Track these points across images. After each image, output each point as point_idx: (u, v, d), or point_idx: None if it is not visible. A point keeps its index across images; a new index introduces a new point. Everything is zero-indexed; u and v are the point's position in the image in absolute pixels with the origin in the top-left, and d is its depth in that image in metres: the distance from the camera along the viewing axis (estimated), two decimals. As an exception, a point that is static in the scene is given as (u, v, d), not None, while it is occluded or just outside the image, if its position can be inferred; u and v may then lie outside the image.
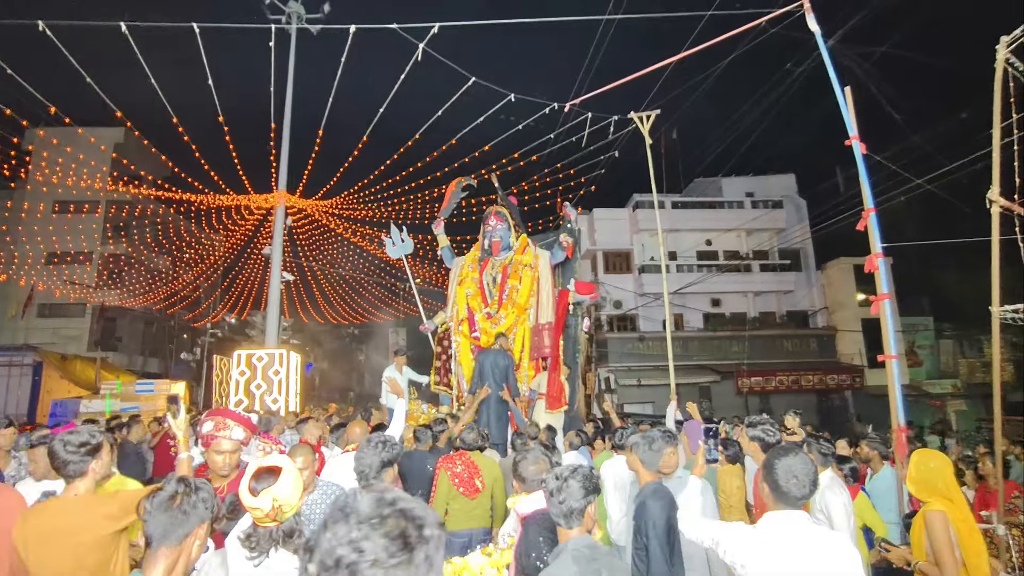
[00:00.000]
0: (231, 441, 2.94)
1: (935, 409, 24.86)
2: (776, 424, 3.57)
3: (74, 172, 21.41)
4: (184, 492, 1.78)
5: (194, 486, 1.82)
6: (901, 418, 4.68)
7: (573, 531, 2.17)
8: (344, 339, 43.54)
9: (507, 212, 9.22)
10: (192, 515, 1.76)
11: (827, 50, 5.58)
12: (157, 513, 1.73)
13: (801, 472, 2.17)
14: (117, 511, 2.31)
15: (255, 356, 12.31)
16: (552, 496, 2.19)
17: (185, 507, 1.76)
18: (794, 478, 2.16)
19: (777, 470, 2.20)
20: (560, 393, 8.15)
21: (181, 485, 1.80)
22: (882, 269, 5.03)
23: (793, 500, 2.16)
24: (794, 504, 2.17)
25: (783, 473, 2.18)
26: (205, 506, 1.80)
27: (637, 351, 23.96)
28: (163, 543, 1.72)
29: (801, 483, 2.16)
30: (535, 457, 2.84)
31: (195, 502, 1.78)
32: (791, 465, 2.18)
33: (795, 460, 2.19)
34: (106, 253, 26.39)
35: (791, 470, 2.17)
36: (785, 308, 26.66)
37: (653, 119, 8.73)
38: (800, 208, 27.34)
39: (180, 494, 1.77)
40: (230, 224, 17.39)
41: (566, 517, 2.16)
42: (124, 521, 2.31)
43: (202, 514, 1.79)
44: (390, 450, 2.90)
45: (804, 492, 2.16)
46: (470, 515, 4.46)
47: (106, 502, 2.39)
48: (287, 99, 14.17)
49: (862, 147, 5.24)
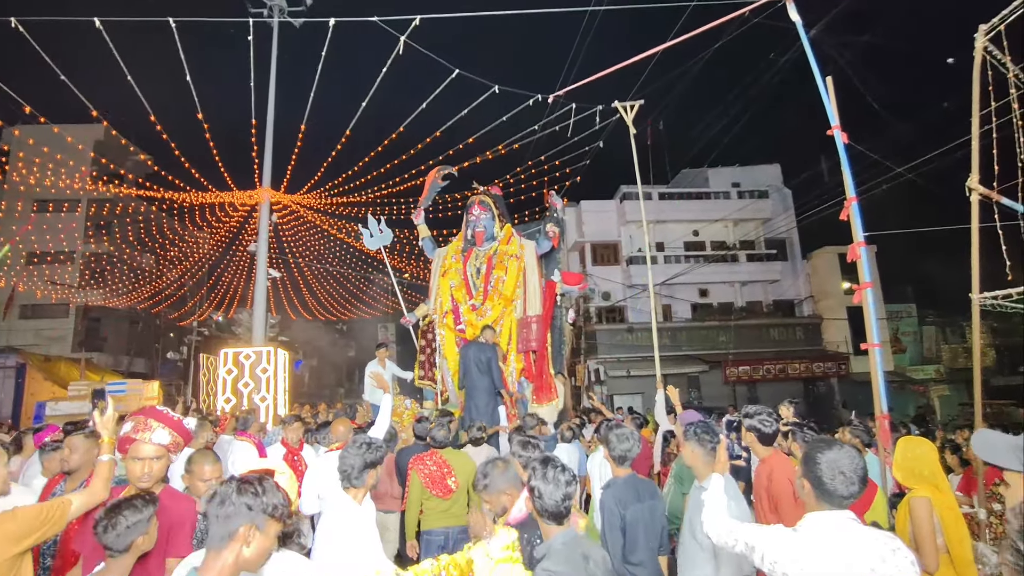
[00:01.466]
0: (152, 446, 2.56)
1: (918, 395, 25.25)
2: (774, 414, 3.49)
3: (52, 170, 21.05)
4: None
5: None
6: (884, 406, 4.71)
7: (554, 527, 2.14)
8: (333, 335, 43.35)
9: (491, 201, 9.00)
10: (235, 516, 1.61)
11: (808, 40, 5.58)
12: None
13: (848, 468, 1.94)
14: (16, 531, 2.08)
15: (242, 354, 12.21)
16: (534, 496, 2.17)
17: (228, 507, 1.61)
18: (841, 474, 1.94)
19: (821, 465, 1.97)
20: (550, 386, 8.14)
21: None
22: (864, 258, 5.06)
23: (839, 499, 1.95)
24: (840, 504, 1.95)
25: (828, 469, 1.96)
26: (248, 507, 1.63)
27: (626, 342, 24.06)
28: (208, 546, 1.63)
29: (849, 480, 1.93)
30: (494, 468, 2.74)
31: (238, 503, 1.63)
32: (836, 460, 1.96)
33: (841, 454, 1.98)
34: (87, 252, 26.01)
35: (837, 465, 1.95)
36: (772, 297, 26.89)
37: (637, 109, 8.67)
38: (786, 198, 27.54)
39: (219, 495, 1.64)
40: (214, 221, 17.21)
41: (551, 515, 2.13)
42: (25, 543, 2.10)
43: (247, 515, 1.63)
44: (374, 452, 2.90)
45: (853, 490, 1.94)
46: (446, 513, 4.37)
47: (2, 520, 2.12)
48: (270, 93, 14.01)
49: (844, 137, 5.25)
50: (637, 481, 3.12)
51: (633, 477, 3.13)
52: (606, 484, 3.13)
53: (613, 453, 3.14)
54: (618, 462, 3.13)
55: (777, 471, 3.16)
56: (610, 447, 3.15)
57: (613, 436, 3.17)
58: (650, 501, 3.03)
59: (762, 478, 3.24)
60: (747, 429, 3.39)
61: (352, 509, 2.80)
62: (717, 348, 23.79)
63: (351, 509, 2.80)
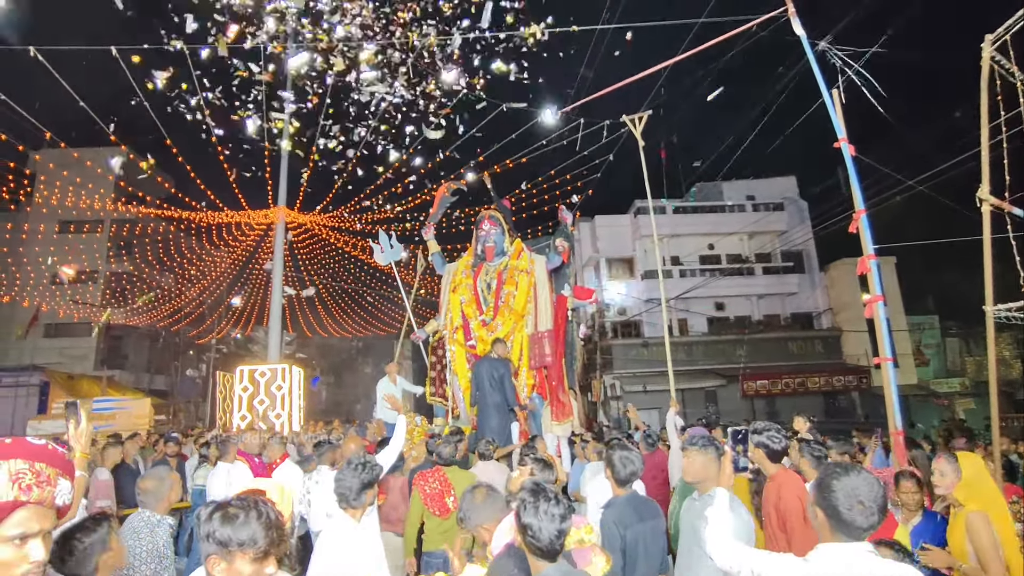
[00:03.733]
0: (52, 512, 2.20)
1: (943, 408, 24.67)
2: (783, 430, 3.37)
3: (73, 192, 21.53)
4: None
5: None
6: (899, 421, 4.63)
7: (545, 564, 1.96)
8: (349, 352, 43.55)
9: (500, 216, 8.95)
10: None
11: (813, 53, 5.58)
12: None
13: (867, 496, 1.76)
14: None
15: (257, 371, 12.32)
16: (527, 534, 1.96)
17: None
18: (859, 504, 1.75)
19: (837, 494, 1.78)
20: (566, 403, 8.06)
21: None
22: (875, 271, 5.00)
23: (857, 531, 1.77)
24: (858, 536, 1.77)
25: (845, 498, 1.77)
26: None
27: (642, 357, 23.87)
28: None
29: (868, 510, 1.75)
30: (472, 499, 2.61)
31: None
32: (855, 487, 1.77)
33: (859, 480, 1.79)
34: (108, 272, 26.53)
35: (855, 493, 1.76)
36: (789, 310, 26.56)
37: (645, 121, 8.68)
38: (802, 210, 27.29)
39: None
40: (231, 240, 17.50)
41: (543, 553, 1.95)
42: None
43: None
44: (370, 472, 2.94)
45: (872, 521, 1.76)
46: (446, 534, 4.18)
47: None
48: (285, 115, 14.28)
49: (851, 149, 5.23)
50: (638, 501, 3.07)
51: (635, 496, 3.08)
52: (607, 503, 3.08)
53: (617, 476, 3.06)
54: (619, 484, 3.06)
55: (786, 488, 3.11)
56: (615, 470, 3.06)
57: (617, 459, 3.08)
58: (652, 521, 2.98)
59: (771, 495, 3.18)
60: (755, 446, 3.27)
61: (350, 528, 2.82)
62: (734, 362, 23.46)
63: (349, 528, 2.81)
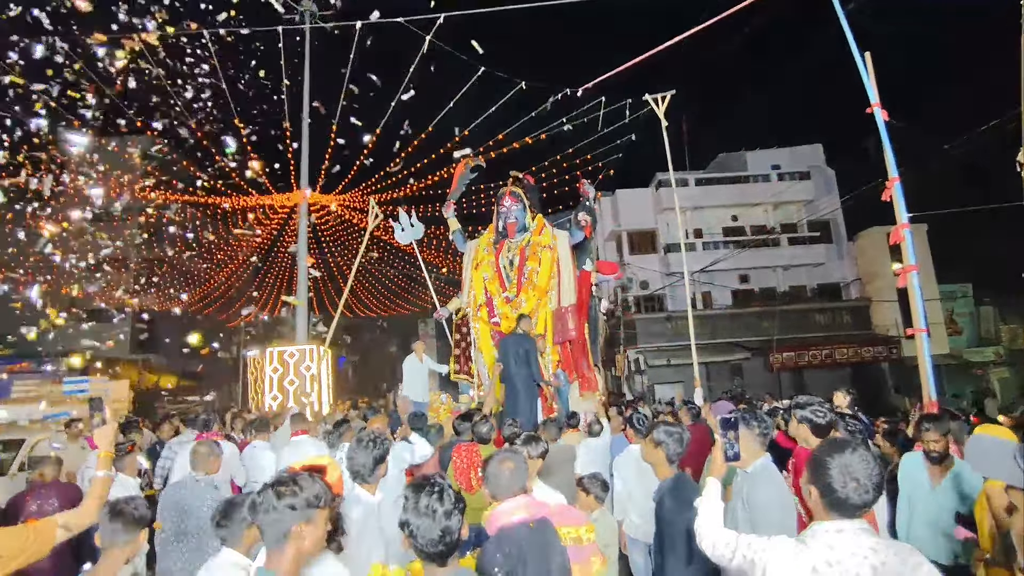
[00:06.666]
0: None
1: (978, 378, 24.16)
2: (826, 404, 3.23)
3: (102, 181, 21.96)
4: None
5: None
6: (933, 392, 4.56)
7: (437, 569, 1.91)
8: (375, 331, 44.05)
9: (521, 192, 8.86)
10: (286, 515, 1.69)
11: (845, 15, 5.39)
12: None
13: (862, 473, 1.73)
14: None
15: (287, 352, 12.54)
16: (406, 533, 1.91)
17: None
18: (854, 481, 1.72)
19: (831, 471, 1.75)
20: (592, 377, 8.10)
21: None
22: (909, 240, 4.88)
23: (851, 508, 1.74)
24: (852, 513, 1.75)
25: (839, 475, 1.74)
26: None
27: (666, 331, 23.72)
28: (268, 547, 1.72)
29: (863, 487, 1.72)
30: (503, 458, 2.59)
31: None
32: (849, 464, 1.74)
33: (854, 457, 1.75)
34: (139, 259, 27.14)
35: (849, 470, 1.73)
36: (816, 281, 26.08)
37: (668, 100, 8.49)
38: (829, 179, 26.63)
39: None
40: (255, 223, 17.75)
41: (428, 556, 1.90)
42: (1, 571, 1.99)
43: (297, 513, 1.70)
44: (380, 446, 3.02)
45: (867, 498, 1.73)
46: (472, 510, 4.28)
47: None
48: (304, 97, 14.37)
49: (884, 114, 5.07)
50: (682, 482, 2.97)
51: (680, 477, 2.98)
52: (657, 489, 2.99)
53: (669, 454, 2.94)
54: (669, 462, 2.97)
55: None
56: (668, 450, 2.93)
57: (667, 437, 2.93)
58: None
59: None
60: (799, 421, 3.16)
61: (366, 500, 2.93)
62: (760, 335, 23.11)
63: (365, 501, 2.93)
